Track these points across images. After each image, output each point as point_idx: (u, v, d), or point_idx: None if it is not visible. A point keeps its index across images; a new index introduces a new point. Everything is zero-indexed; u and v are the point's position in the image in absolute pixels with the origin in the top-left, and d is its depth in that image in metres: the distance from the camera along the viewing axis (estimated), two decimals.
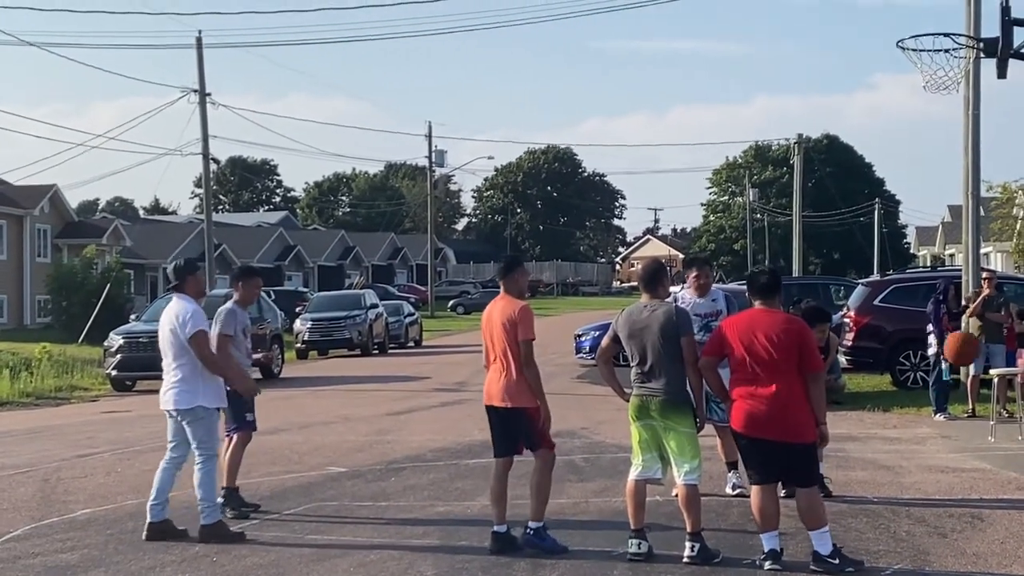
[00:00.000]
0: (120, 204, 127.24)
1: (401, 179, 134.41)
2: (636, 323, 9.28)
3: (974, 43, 12.16)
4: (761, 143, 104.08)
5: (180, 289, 10.76)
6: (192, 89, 44.97)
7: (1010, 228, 56.76)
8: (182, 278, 10.76)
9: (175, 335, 10.49)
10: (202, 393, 10.46)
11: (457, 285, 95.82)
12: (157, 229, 75.39)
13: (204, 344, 10.44)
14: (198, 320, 10.43)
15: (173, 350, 10.54)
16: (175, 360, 10.53)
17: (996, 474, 13.09)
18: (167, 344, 10.61)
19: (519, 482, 10.11)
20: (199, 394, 10.45)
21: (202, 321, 10.48)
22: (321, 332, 38.93)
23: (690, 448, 9.10)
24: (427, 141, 75.38)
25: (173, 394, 10.55)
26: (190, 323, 10.37)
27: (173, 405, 10.56)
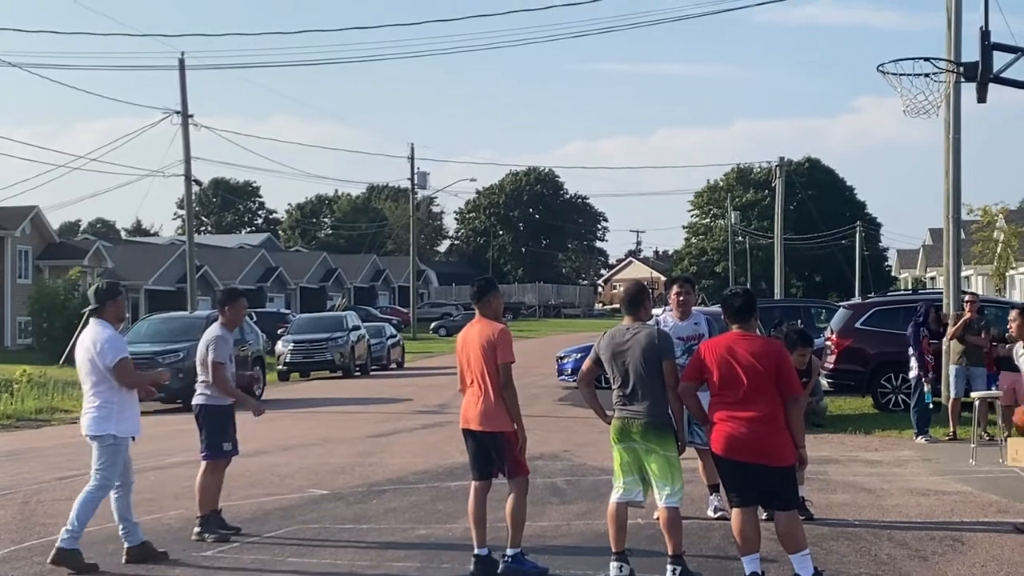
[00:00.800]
0: (102, 225, 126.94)
1: (384, 201, 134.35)
2: (618, 345, 9.28)
3: (954, 67, 12.23)
4: (743, 166, 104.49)
5: (99, 313, 10.45)
6: (175, 110, 44.92)
7: (991, 251, 57.04)
8: (102, 302, 10.47)
9: (92, 362, 10.25)
10: (116, 421, 10.24)
11: (439, 307, 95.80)
12: (139, 251, 75.21)
13: (127, 372, 10.29)
14: (117, 347, 10.24)
15: (91, 377, 10.29)
16: (93, 387, 10.29)
17: (977, 497, 13.11)
18: (84, 370, 10.37)
19: (500, 505, 10.09)
20: (112, 421, 10.23)
21: (121, 348, 10.29)
22: (303, 354, 38.85)
23: (672, 471, 9.10)
24: (410, 163, 75.45)
25: (87, 419, 10.35)
26: (109, 353, 10.17)
27: (85, 430, 10.37)
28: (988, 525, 11.42)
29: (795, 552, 8.68)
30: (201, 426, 11.71)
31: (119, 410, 10.27)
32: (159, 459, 17.57)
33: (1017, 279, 58.96)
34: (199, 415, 11.73)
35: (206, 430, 11.66)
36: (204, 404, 11.66)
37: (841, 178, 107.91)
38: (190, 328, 29.64)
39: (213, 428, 11.61)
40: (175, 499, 13.84)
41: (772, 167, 63.77)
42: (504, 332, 9.64)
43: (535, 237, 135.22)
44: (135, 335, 30.49)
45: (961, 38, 21.03)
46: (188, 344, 27.71)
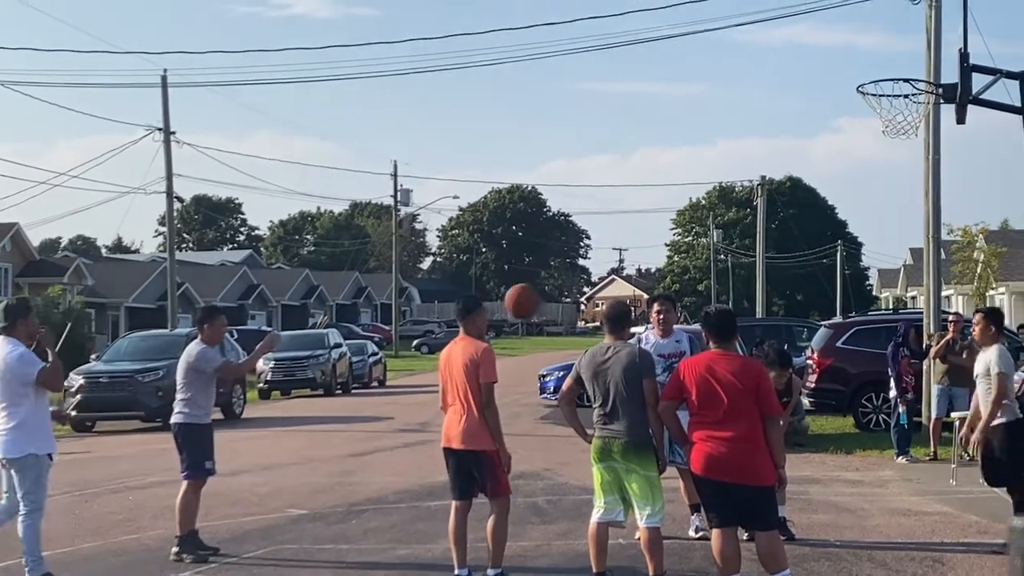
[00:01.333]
0: (82, 242, 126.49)
1: (366, 218, 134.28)
2: (599, 364, 9.27)
3: (934, 89, 12.28)
4: (725, 184, 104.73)
5: (10, 332, 10.16)
6: (157, 127, 44.83)
7: (971, 271, 57.18)
8: (12, 321, 10.20)
9: (5, 381, 9.98)
10: (34, 440, 10.01)
11: (421, 324, 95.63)
12: (120, 268, 74.97)
13: (55, 379, 10.15)
14: (30, 360, 10.01)
15: (5, 397, 10.01)
16: (7, 408, 10.00)
17: (957, 517, 13.11)
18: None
19: (480, 524, 10.06)
20: (31, 441, 9.99)
21: (35, 360, 10.05)
22: (284, 372, 38.71)
23: (652, 491, 9.08)
24: (392, 180, 75.43)
25: (1, 442, 10.00)
26: (27, 365, 9.96)
27: (2, 453, 10.03)
28: (968, 546, 11.42)
29: (776, 572, 8.66)
30: (181, 445, 11.65)
31: (35, 428, 10.02)
32: (138, 478, 17.48)
33: (997, 299, 59.14)
34: (178, 434, 11.67)
35: (187, 449, 11.60)
36: (184, 423, 11.60)
37: (823, 197, 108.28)
38: (171, 346, 29.53)
39: (194, 446, 11.55)
40: (154, 519, 13.77)
41: (754, 186, 63.94)
42: (488, 351, 9.62)
43: (518, 254, 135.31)
44: (115, 353, 30.41)
45: (941, 60, 21.13)
46: (169, 362, 27.58)
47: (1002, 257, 56.00)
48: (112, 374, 27.97)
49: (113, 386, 27.57)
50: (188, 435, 11.59)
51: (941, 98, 10.89)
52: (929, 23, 21.32)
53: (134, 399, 27.12)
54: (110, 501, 15.50)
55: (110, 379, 27.79)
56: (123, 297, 64.45)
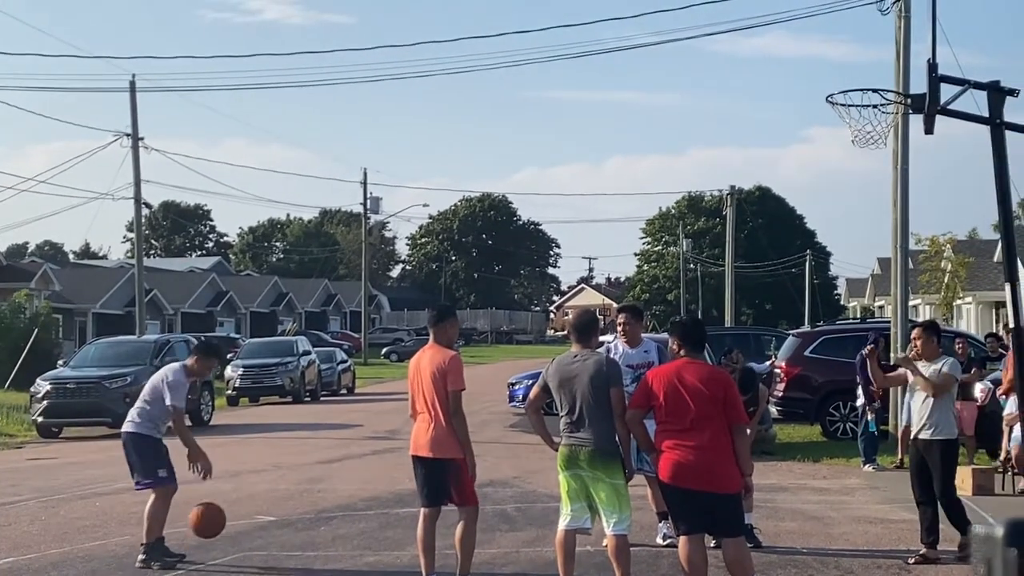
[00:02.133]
0: (50, 248, 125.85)
1: (336, 226, 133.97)
2: (566, 372, 9.28)
3: (902, 99, 12.36)
4: (694, 194, 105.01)
5: None
6: (125, 133, 44.62)
7: (938, 281, 57.60)
8: None
9: None
10: None
11: (391, 332, 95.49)
12: (87, 274, 74.51)
13: None
14: None
15: None
16: None
17: None
18: None
19: (449, 532, 10.05)
20: None
21: None
22: (252, 379, 38.60)
23: (619, 499, 9.10)
24: (362, 188, 75.36)
25: None
26: None
27: None
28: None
29: None
30: (129, 454, 11.56)
31: None
32: (105, 485, 17.39)
33: (964, 308, 59.57)
34: (126, 442, 11.57)
35: (137, 457, 11.50)
36: (132, 432, 11.52)
37: (791, 207, 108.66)
38: (138, 352, 29.46)
39: (144, 455, 11.46)
40: (121, 525, 13.71)
41: (723, 195, 64.18)
42: (455, 359, 9.63)
43: (488, 263, 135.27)
44: (82, 359, 30.26)
45: (910, 70, 21.30)
46: (136, 369, 27.53)
47: (969, 267, 56.43)
48: (79, 380, 27.84)
49: (80, 392, 27.44)
50: (137, 444, 11.49)
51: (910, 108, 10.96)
52: (898, 34, 21.49)
53: (101, 405, 26.99)
54: (77, 507, 15.41)
55: (77, 385, 27.65)
56: (90, 303, 64.08)
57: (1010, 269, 9.81)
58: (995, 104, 9.57)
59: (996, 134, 9.55)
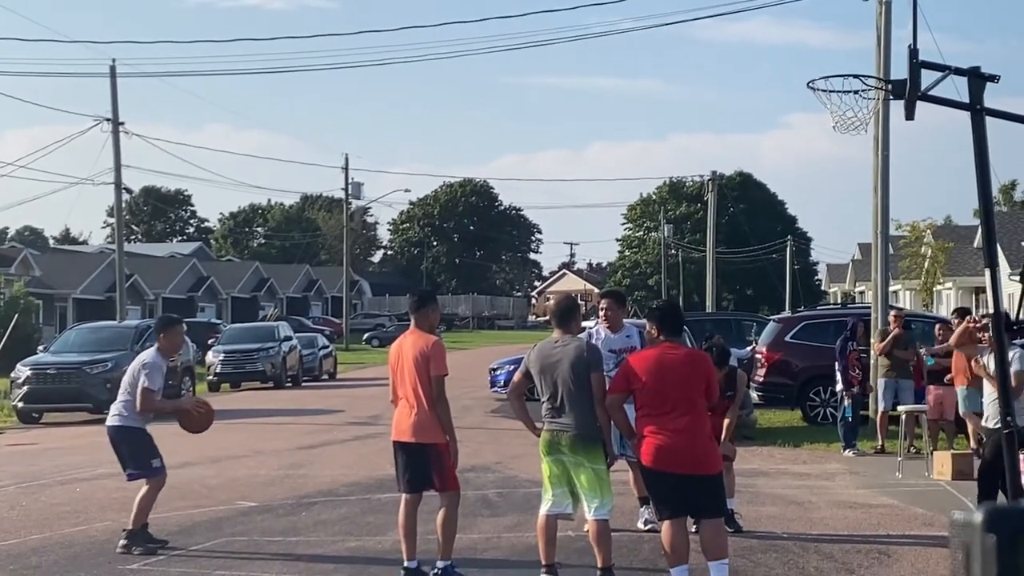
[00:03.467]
0: (30, 233, 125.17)
1: (317, 211, 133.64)
2: (547, 358, 9.30)
3: (883, 85, 12.36)
4: (676, 180, 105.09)
5: None
6: (105, 118, 44.46)
7: (918, 266, 57.77)
8: None
9: None
10: None
11: (372, 318, 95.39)
12: (67, 259, 74.29)
13: None
14: None
15: None
16: None
17: (903, 510, 13.26)
18: None
19: (431, 517, 10.06)
20: None
21: None
22: (234, 364, 38.51)
23: (600, 484, 9.12)
24: (344, 173, 75.18)
25: None
26: None
27: None
28: (914, 538, 11.55)
29: (717, 559, 8.75)
30: (119, 448, 11.54)
31: None
32: (86, 470, 17.35)
33: (944, 294, 59.79)
34: (114, 437, 11.55)
35: (128, 451, 11.48)
36: (120, 425, 11.49)
37: (773, 193, 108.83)
38: (119, 338, 29.37)
39: (136, 447, 11.44)
40: (101, 511, 13.69)
41: (705, 181, 64.24)
42: (438, 344, 9.63)
43: (469, 248, 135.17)
44: (63, 344, 30.17)
45: (891, 56, 21.38)
46: (117, 354, 27.44)
47: (949, 252, 56.60)
48: (60, 365, 27.75)
49: (61, 378, 27.37)
50: (126, 437, 11.47)
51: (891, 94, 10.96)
52: (879, 20, 21.54)
53: (82, 391, 26.92)
54: (57, 493, 15.38)
55: (58, 371, 27.57)
56: (71, 288, 63.90)
57: (990, 255, 9.83)
58: (975, 90, 9.58)
59: (976, 120, 9.56)
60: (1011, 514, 2.48)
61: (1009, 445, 9.55)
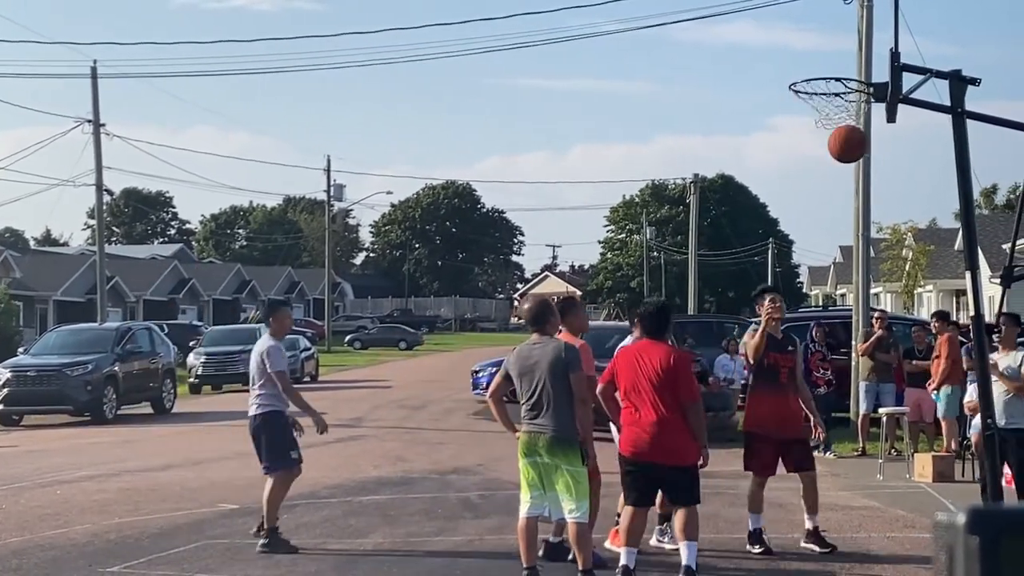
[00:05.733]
0: (10, 235, 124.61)
1: (299, 213, 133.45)
2: (526, 360, 9.31)
3: (865, 88, 12.40)
4: (658, 182, 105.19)
5: None
6: (86, 119, 44.32)
7: (899, 269, 57.96)
8: None
9: None
10: None
11: (355, 320, 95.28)
12: (48, 260, 74.01)
13: None
14: None
15: None
16: None
17: (884, 512, 13.29)
18: None
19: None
20: None
21: None
22: (215, 366, 38.43)
23: (577, 486, 9.10)
24: (326, 175, 75.08)
25: None
26: None
27: None
28: (895, 540, 11.58)
29: (688, 540, 9.27)
30: (259, 437, 11.53)
31: None
32: (67, 473, 17.28)
33: (925, 296, 59.99)
34: (259, 426, 11.55)
35: (267, 439, 11.49)
36: (263, 413, 11.52)
37: (754, 195, 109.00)
38: (100, 340, 29.26)
39: (276, 434, 11.46)
40: (82, 513, 13.63)
41: (687, 183, 64.35)
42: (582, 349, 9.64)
43: (451, 251, 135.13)
44: (43, 347, 30.03)
45: (872, 59, 21.41)
46: (97, 356, 27.35)
47: (930, 255, 56.80)
48: (40, 368, 27.63)
49: (41, 380, 27.24)
50: (269, 423, 11.48)
51: (872, 97, 10.99)
52: (861, 23, 21.59)
53: (63, 393, 26.80)
54: (38, 495, 15.31)
55: (38, 373, 27.44)
56: (51, 290, 63.65)
57: (971, 257, 9.87)
58: (957, 93, 9.61)
59: (957, 123, 9.60)
60: (994, 515, 2.48)
61: (990, 448, 9.58)
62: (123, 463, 18.19)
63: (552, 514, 9.32)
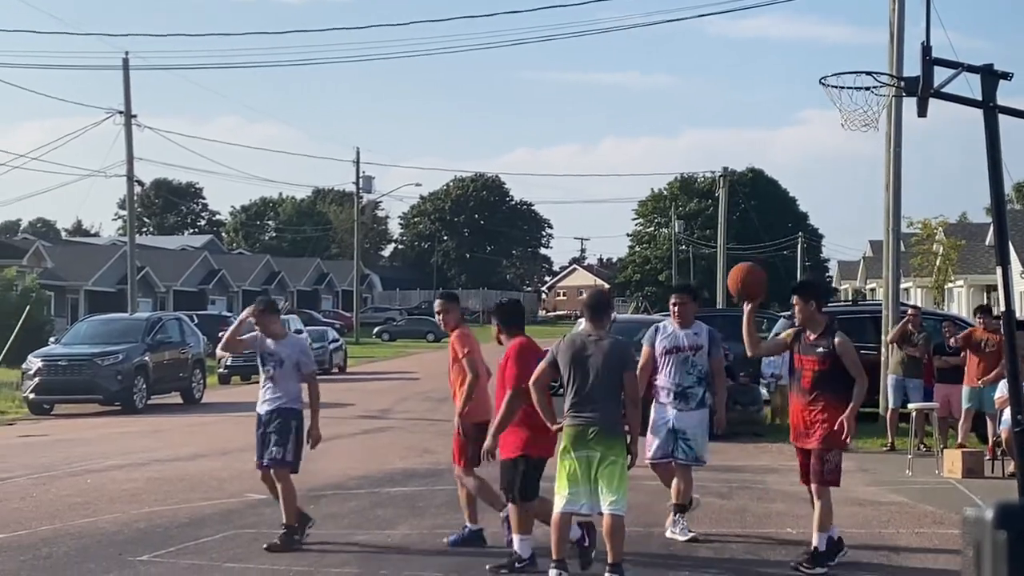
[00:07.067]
0: (42, 225, 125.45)
1: (328, 204, 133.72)
2: (580, 351, 9.27)
3: (895, 82, 12.34)
4: (687, 175, 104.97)
5: None
6: (118, 110, 44.50)
7: (930, 264, 57.62)
8: None
9: None
10: None
11: (383, 312, 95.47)
12: (79, 251, 74.43)
13: None
14: None
15: None
16: None
17: (913, 508, 13.23)
18: None
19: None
20: None
21: None
22: (244, 357, 38.46)
23: (619, 479, 9.11)
24: (355, 167, 75.20)
25: None
26: None
27: None
28: (923, 536, 11.53)
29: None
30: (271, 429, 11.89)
31: None
32: (96, 462, 17.39)
33: (955, 292, 59.66)
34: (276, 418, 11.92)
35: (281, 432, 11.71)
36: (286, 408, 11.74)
37: (784, 189, 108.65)
38: (130, 330, 29.40)
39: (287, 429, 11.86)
40: (111, 502, 13.72)
41: (716, 177, 64.14)
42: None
43: (479, 243, 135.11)
44: (74, 336, 30.20)
45: (903, 53, 21.29)
46: (128, 346, 27.50)
47: (960, 250, 56.46)
48: (71, 357, 27.79)
49: (72, 369, 27.40)
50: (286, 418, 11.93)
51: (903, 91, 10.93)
52: (892, 16, 21.47)
53: (93, 382, 26.96)
54: (67, 484, 15.42)
55: (69, 362, 27.60)
56: (82, 280, 64.03)
57: (1002, 252, 9.81)
58: (988, 87, 9.56)
59: (989, 117, 9.55)
60: (1022, 511, 2.48)
61: (1020, 443, 9.53)
62: (152, 453, 18.27)
63: (587, 508, 9.23)
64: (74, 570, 10.11)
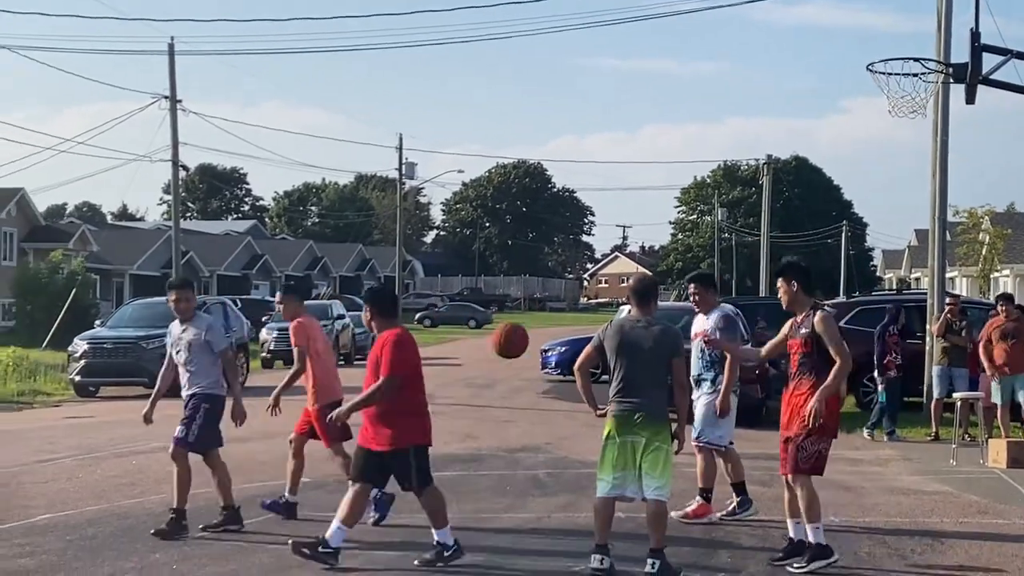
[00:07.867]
0: (88, 209, 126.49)
1: (371, 190, 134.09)
2: (628, 336, 9.26)
3: (943, 68, 12.25)
4: (730, 163, 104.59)
5: None
6: (163, 95, 44.79)
7: (976, 253, 57.18)
8: None
9: None
10: None
11: (424, 298, 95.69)
12: (124, 235, 74.99)
13: None
14: None
15: None
16: None
17: (957, 497, 13.16)
18: None
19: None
20: None
21: None
22: (287, 342, 38.57)
23: (664, 464, 9.12)
24: (398, 153, 75.29)
25: None
26: None
27: None
28: (967, 526, 11.47)
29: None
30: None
31: None
32: (142, 443, 17.51)
33: (1002, 281, 59.16)
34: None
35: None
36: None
37: (828, 177, 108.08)
38: (165, 316, 29.59)
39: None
40: (156, 483, 13.84)
41: (760, 165, 63.86)
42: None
43: (521, 230, 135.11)
44: (119, 319, 30.45)
45: (951, 39, 21.08)
46: None
47: (1007, 239, 56.01)
48: (116, 340, 28.03)
49: (117, 352, 27.65)
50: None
51: (951, 78, 10.86)
52: (940, 2, 21.28)
53: (138, 365, 27.16)
54: (113, 465, 15.57)
55: (114, 345, 27.85)
56: (127, 264, 64.52)
57: None
58: None
59: None
60: None
61: None
62: None
63: (631, 493, 9.22)
64: (119, 550, 10.21)
